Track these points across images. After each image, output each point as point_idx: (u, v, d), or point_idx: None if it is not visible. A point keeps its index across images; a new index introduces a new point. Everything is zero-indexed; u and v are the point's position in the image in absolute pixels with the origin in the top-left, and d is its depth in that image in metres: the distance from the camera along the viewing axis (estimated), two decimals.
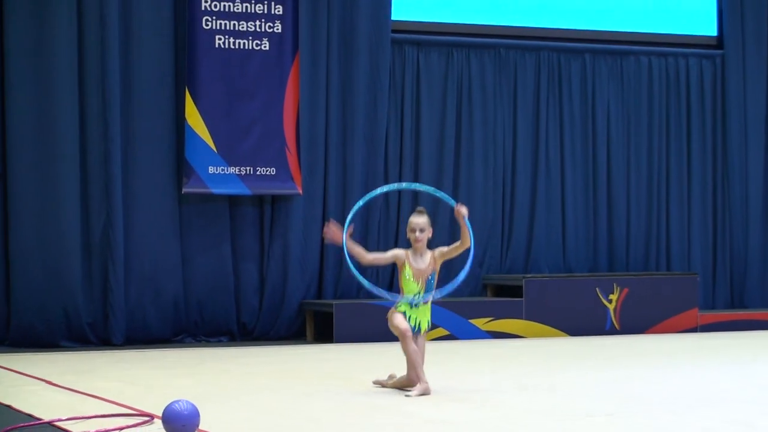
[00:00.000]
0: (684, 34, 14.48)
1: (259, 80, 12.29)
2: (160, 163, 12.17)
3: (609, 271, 13.82)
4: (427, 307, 8.10)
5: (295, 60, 12.40)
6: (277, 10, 12.35)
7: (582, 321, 12.90)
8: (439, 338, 12.23)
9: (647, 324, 13.15)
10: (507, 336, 12.59)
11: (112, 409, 7.13)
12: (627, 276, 13.34)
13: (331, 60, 12.79)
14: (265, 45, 12.32)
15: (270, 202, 12.53)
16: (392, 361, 8.40)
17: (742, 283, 14.45)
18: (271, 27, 12.34)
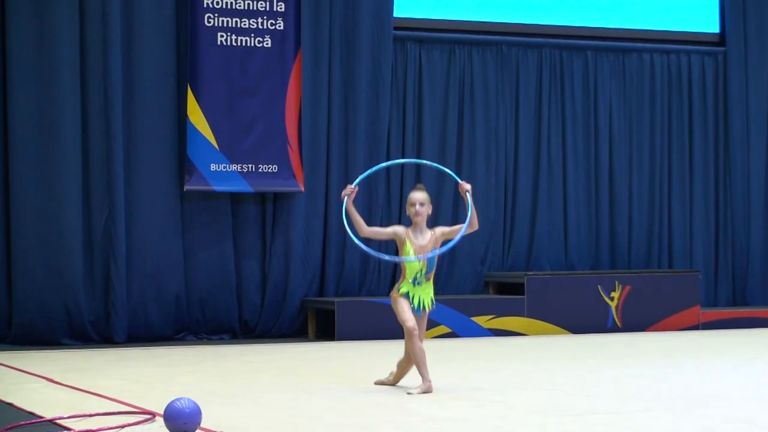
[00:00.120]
0: (686, 31, 14.47)
1: (261, 77, 12.29)
2: (162, 160, 12.17)
3: (611, 269, 13.81)
4: (430, 284, 8.02)
5: (297, 57, 12.39)
6: (279, 7, 12.35)
7: (584, 318, 12.90)
8: (441, 336, 12.24)
9: (649, 321, 13.15)
10: (509, 333, 12.59)
11: (114, 407, 7.13)
12: (629, 273, 13.34)
13: (333, 57, 12.78)
14: (267, 42, 12.31)
15: (272, 200, 12.52)
16: (394, 359, 8.39)
17: (744, 280, 14.44)
18: (273, 24, 12.33)
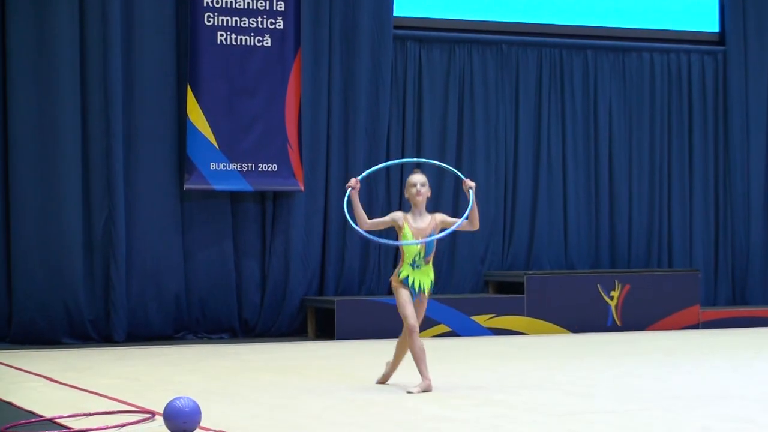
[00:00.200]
0: (686, 31, 14.48)
1: (261, 77, 12.29)
2: (162, 159, 12.17)
3: (610, 268, 13.81)
4: (429, 267, 8.01)
5: (297, 56, 12.39)
6: (279, 6, 12.35)
7: (583, 318, 12.90)
8: (441, 335, 12.24)
9: (649, 321, 13.15)
10: (508, 333, 12.59)
11: (114, 406, 7.13)
12: (628, 273, 13.33)
13: (333, 56, 12.78)
14: (267, 41, 12.31)
15: (272, 199, 12.52)
16: (392, 358, 8.39)
17: (743, 279, 14.44)
18: (273, 23, 12.33)
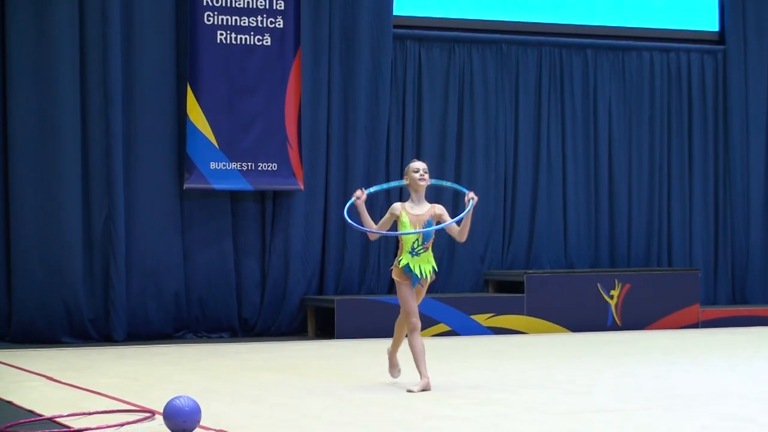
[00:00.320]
0: (686, 30, 14.48)
1: (261, 76, 12.28)
2: (162, 158, 12.17)
3: (610, 267, 13.81)
4: (429, 254, 8.01)
5: (297, 55, 12.39)
6: (279, 5, 12.35)
7: (583, 317, 12.90)
8: (441, 334, 12.24)
9: (648, 320, 13.15)
10: (508, 332, 12.59)
11: (114, 405, 7.14)
12: (628, 272, 13.33)
13: (332, 55, 12.78)
14: (267, 40, 12.31)
15: (271, 198, 12.52)
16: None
17: (743, 278, 14.44)
18: (272, 22, 12.33)
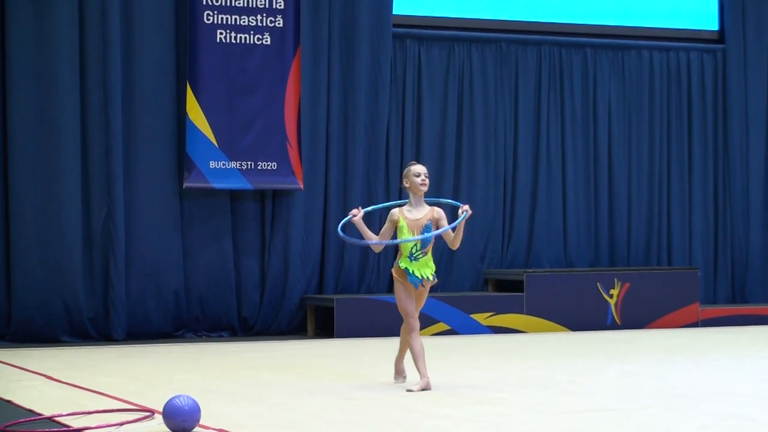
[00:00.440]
0: (685, 29, 14.47)
1: (261, 75, 12.28)
2: (162, 157, 12.17)
3: (610, 266, 13.81)
4: (428, 258, 7.98)
5: (297, 54, 12.39)
6: (279, 4, 12.34)
7: (583, 316, 12.90)
8: (440, 333, 12.24)
9: (648, 319, 13.15)
10: (508, 331, 12.59)
11: (113, 404, 7.14)
12: (628, 271, 13.34)
13: (332, 54, 12.78)
14: (267, 39, 12.31)
15: (271, 197, 12.52)
16: (392, 356, 8.39)
17: (743, 277, 14.44)
18: (272, 21, 12.32)
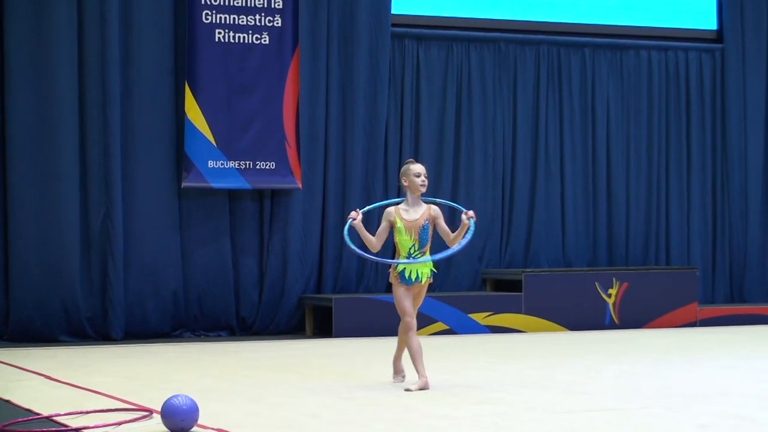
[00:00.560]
0: (684, 28, 14.48)
1: (259, 74, 12.28)
2: (160, 157, 12.16)
3: (608, 266, 13.81)
4: (426, 257, 7.95)
5: (295, 54, 12.38)
6: (277, 3, 12.34)
7: (581, 315, 12.91)
8: (438, 333, 12.24)
9: (646, 318, 13.15)
10: (506, 330, 12.59)
11: (111, 404, 7.13)
12: (626, 270, 13.34)
13: (331, 54, 12.78)
14: (265, 39, 12.31)
15: (270, 197, 12.52)
16: (391, 356, 8.39)
17: (741, 277, 14.45)
18: (271, 21, 12.32)
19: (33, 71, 11.71)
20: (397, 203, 8.09)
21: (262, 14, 12.30)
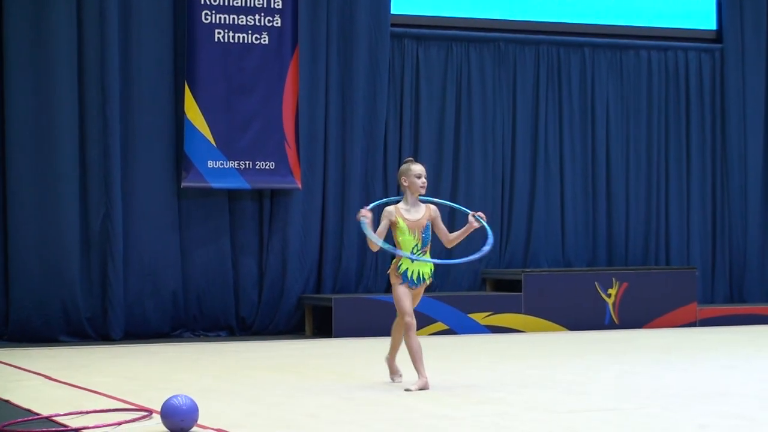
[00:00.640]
0: (683, 28, 14.47)
1: (259, 74, 12.27)
2: (160, 157, 12.16)
3: (608, 266, 13.81)
4: (427, 257, 7.96)
5: (295, 54, 12.38)
6: (277, 3, 12.34)
7: (581, 315, 12.90)
8: (438, 333, 12.23)
9: (646, 318, 13.15)
10: (506, 330, 12.59)
11: (111, 404, 7.13)
12: (626, 270, 13.33)
13: (330, 54, 12.77)
14: (265, 39, 12.30)
15: (269, 197, 12.52)
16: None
17: (741, 277, 14.45)
18: (270, 21, 12.32)
19: (32, 71, 11.70)
20: (396, 202, 8.08)
21: (262, 14, 12.29)
